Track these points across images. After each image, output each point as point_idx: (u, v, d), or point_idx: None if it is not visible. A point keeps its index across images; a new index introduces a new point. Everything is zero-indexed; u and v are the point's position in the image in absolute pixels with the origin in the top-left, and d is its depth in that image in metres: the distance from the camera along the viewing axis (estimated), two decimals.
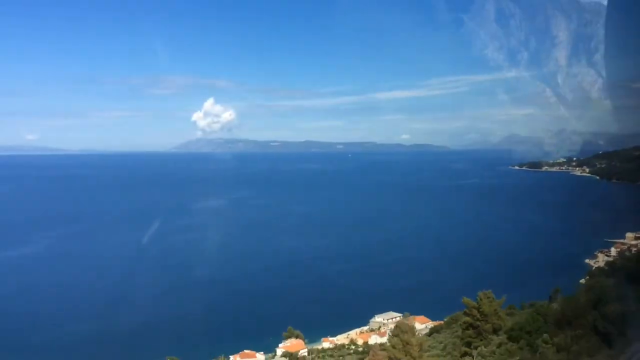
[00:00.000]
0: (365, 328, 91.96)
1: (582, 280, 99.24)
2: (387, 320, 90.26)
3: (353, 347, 77.89)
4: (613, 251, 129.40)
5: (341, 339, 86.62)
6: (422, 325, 79.83)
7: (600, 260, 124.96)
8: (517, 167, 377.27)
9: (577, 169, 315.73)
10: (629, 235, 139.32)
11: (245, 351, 74.15)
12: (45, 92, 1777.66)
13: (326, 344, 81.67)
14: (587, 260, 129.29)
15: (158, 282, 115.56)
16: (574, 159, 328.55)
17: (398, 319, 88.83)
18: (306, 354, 74.85)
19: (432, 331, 69.77)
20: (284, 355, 73.11)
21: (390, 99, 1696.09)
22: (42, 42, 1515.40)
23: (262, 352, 75.07)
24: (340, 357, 68.73)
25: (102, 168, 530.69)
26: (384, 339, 78.76)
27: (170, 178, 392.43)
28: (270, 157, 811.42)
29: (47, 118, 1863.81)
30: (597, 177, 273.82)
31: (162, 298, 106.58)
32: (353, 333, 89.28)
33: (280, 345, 78.05)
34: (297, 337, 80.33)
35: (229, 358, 72.99)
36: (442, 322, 74.22)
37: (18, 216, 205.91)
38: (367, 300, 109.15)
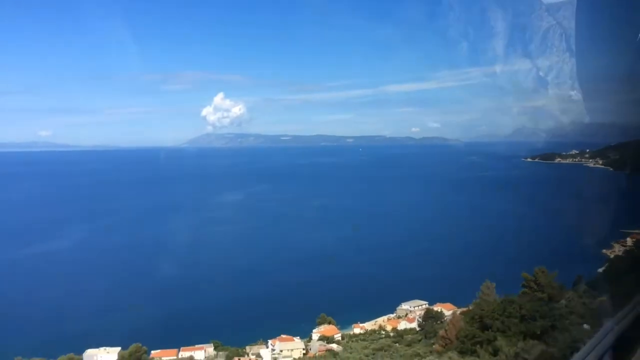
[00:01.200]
0: (392, 315, 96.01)
1: (601, 270, 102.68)
2: (413, 307, 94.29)
3: (384, 332, 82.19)
4: (629, 241, 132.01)
5: (369, 325, 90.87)
6: (448, 312, 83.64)
7: (616, 250, 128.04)
8: (529, 159, 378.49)
9: (590, 160, 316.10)
10: None
11: (282, 336, 78.48)
12: (58, 89, 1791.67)
13: (357, 329, 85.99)
14: (604, 251, 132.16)
15: (191, 272, 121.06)
16: (587, 150, 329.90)
17: (424, 306, 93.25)
18: (340, 338, 79.20)
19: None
20: (320, 339, 77.48)
21: (400, 92, 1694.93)
22: (54, 39, 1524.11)
23: (298, 337, 79.33)
24: (374, 341, 72.87)
25: (116, 163, 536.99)
26: (413, 325, 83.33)
27: (185, 173, 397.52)
28: (281, 151, 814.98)
29: (59, 115, 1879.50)
30: (611, 169, 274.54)
31: (198, 288, 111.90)
32: (381, 320, 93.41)
33: (314, 330, 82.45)
34: (329, 323, 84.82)
35: (267, 342, 77.39)
36: (469, 308, 77.94)
37: (46, 212, 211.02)
38: (390, 290, 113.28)
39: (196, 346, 73.61)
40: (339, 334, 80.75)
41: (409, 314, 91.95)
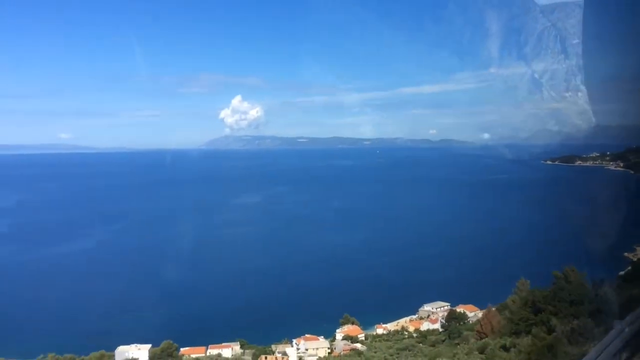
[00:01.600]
0: (413, 317, 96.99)
1: (622, 273, 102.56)
2: (436, 309, 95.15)
3: (407, 333, 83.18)
4: None
5: (391, 326, 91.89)
6: (471, 313, 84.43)
7: (639, 253, 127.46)
8: (549, 162, 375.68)
9: (611, 163, 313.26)
10: None
11: (307, 335, 79.95)
12: (77, 93, 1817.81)
13: (380, 330, 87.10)
14: (625, 254, 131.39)
15: (215, 273, 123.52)
16: (608, 153, 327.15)
17: (446, 307, 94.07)
18: (363, 338, 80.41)
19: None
20: (344, 339, 78.77)
21: (417, 94, 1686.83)
22: (73, 42, 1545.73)
23: (322, 337, 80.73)
24: (398, 341, 73.96)
25: (136, 166, 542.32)
26: (436, 326, 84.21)
27: (205, 175, 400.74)
28: (298, 154, 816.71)
29: (79, 117, 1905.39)
30: (631, 172, 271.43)
31: (218, 289, 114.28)
32: (402, 321, 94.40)
33: (338, 330, 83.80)
34: (352, 323, 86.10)
35: (292, 341, 78.91)
36: (491, 308, 78.61)
37: (67, 213, 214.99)
38: (408, 292, 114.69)
39: (223, 344, 75.45)
40: (363, 334, 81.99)
41: (431, 315, 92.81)
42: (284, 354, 74.00)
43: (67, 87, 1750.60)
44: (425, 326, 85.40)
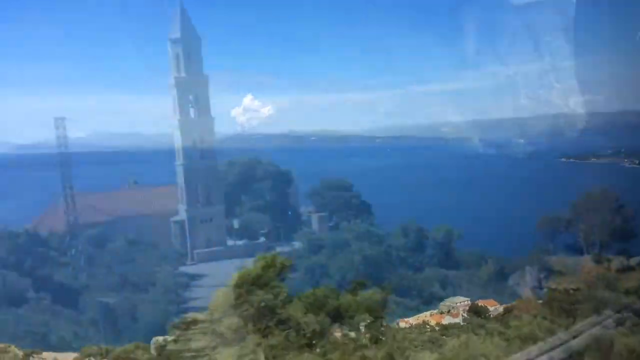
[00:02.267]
0: (434, 311, 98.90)
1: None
2: (456, 303, 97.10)
3: (429, 326, 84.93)
4: None
5: (412, 320, 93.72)
6: (492, 307, 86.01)
7: None
8: (564, 159, 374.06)
9: (626, 160, 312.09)
10: None
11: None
12: (91, 91, 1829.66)
13: (402, 324, 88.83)
14: None
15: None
16: (622, 150, 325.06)
17: (466, 302, 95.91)
18: None
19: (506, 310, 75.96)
20: None
21: (430, 92, 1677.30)
22: (81, 39, 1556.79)
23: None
24: (421, 334, 75.74)
25: (152, 163, 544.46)
26: (457, 320, 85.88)
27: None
28: (309, 152, 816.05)
29: (94, 116, 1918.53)
30: None
31: None
32: (423, 316, 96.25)
33: (361, 324, 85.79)
34: None
35: None
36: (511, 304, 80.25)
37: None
38: (429, 287, 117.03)
39: None
40: None
41: (452, 310, 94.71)
42: None
43: (75, 86, 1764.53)
44: (447, 320, 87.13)
